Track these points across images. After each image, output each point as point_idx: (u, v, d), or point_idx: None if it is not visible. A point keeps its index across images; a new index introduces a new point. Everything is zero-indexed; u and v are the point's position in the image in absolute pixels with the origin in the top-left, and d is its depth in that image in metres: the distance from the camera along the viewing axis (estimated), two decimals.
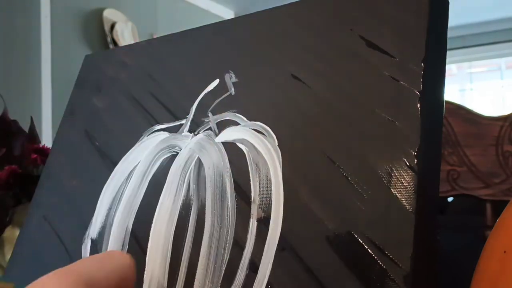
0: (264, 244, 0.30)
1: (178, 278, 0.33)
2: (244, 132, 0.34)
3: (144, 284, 0.34)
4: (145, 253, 0.35)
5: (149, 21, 2.90)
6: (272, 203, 0.31)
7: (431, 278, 0.26)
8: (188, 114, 0.38)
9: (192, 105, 0.39)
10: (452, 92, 4.06)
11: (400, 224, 0.26)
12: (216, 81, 0.38)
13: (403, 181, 0.27)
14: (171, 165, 0.37)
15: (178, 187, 0.35)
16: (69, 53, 2.38)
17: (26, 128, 0.64)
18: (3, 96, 0.69)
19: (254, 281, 0.30)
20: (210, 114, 0.37)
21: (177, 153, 0.37)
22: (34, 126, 0.65)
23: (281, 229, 0.30)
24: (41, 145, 0.61)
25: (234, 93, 0.37)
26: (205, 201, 0.34)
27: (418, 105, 0.28)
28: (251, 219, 0.31)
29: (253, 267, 0.30)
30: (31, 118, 0.65)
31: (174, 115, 0.39)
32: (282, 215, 0.30)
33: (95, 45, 2.56)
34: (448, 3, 0.32)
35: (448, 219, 1.15)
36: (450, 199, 1.17)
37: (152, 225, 0.35)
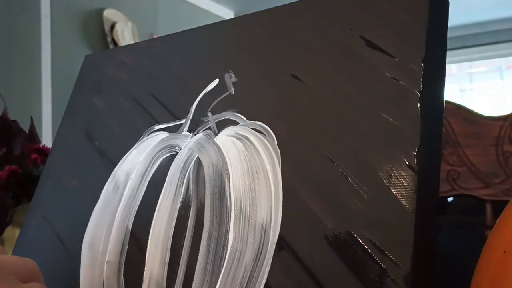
0: (263, 243, 0.30)
1: (177, 277, 0.33)
2: (244, 131, 0.34)
3: (143, 283, 0.34)
4: (144, 253, 0.35)
5: (149, 21, 2.90)
6: (271, 202, 0.31)
7: (431, 278, 0.26)
8: (187, 113, 0.38)
9: (191, 104, 0.39)
10: (452, 92, 4.05)
11: (400, 224, 0.26)
12: (216, 81, 0.38)
13: (403, 181, 0.27)
14: (171, 165, 0.37)
15: (178, 187, 0.35)
16: (69, 53, 2.38)
17: (26, 128, 0.64)
18: (3, 96, 0.69)
19: (252, 281, 0.30)
20: (209, 114, 0.37)
21: (177, 152, 0.37)
22: (34, 126, 0.65)
23: (280, 229, 0.30)
24: (41, 145, 0.61)
25: (233, 92, 0.37)
26: (204, 201, 0.34)
27: (418, 105, 0.28)
28: (250, 219, 0.31)
29: (252, 266, 0.30)
30: (31, 118, 0.65)
31: (174, 115, 0.39)
32: (281, 215, 0.30)
33: (95, 45, 2.55)
34: (448, 3, 0.32)
35: (448, 219, 1.14)
36: (450, 199, 1.16)
37: (152, 225, 0.35)
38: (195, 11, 3.20)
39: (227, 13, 3.49)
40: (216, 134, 0.36)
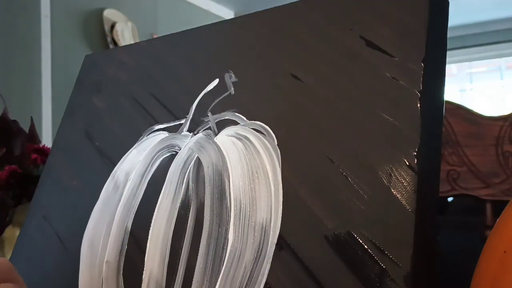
0: (263, 243, 0.30)
1: (177, 277, 0.33)
2: (244, 131, 0.34)
3: (142, 283, 0.34)
4: (144, 253, 0.35)
5: (149, 21, 2.90)
6: (271, 202, 0.31)
7: (431, 278, 0.26)
8: (187, 113, 0.38)
9: (191, 104, 0.39)
10: (452, 92, 4.05)
11: (400, 224, 0.26)
12: (216, 81, 0.38)
13: (403, 181, 0.27)
14: (170, 164, 0.37)
15: (177, 186, 0.35)
16: (69, 53, 2.38)
17: (26, 128, 0.64)
18: (4, 96, 0.69)
19: (252, 281, 0.30)
20: (209, 114, 0.37)
21: (177, 152, 0.37)
22: (34, 126, 0.65)
23: (280, 229, 0.30)
24: (41, 145, 0.61)
25: (233, 92, 0.37)
26: (204, 201, 0.34)
27: (418, 105, 0.28)
28: (249, 219, 0.31)
29: (251, 266, 0.30)
30: (31, 118, 0.65)
31: (174, 115, 0.39)
32: (281, 215, 0.30)
33: (95, 45, 2.55)
34: (448, 3, 0.32)
35: (448, 219, 1.14)
36: (450, 199, 1.16)
37: (151, 225, 0.35)
38: (195, 11, 3.20)
39: (227, 13, 3.49)
40: (216, 134, 0.36)
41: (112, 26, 2.65)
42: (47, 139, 2.17)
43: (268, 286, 0.29)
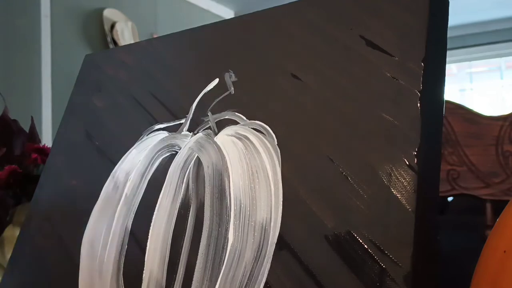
0: (263, 243, 0.30)
1: (177, 277, 0.33)
2: (244, 131, 0.34)
3: (143, 283, 0.34)
4: (144, 253, 0.35)
5: (149, 21, 2.90)
6: (271, 202, 0.31)
7: (431, 278, 0.26)
8: (187, 113, 0.38)
9: (191, 104, 0.39)
10: (452, 92, 4.06)
11: (400, 224, 0.26)
12: (216, 80, 0.38)
13: (403, 181, 0.27)
14: (170, 164, 0.37)
15: (177, 186, 0.35)
16: (69, 53, 2.38)
17: (26, 128, 0.64)
18: (4, 96, 0.69)
19: (252, 280, 0.30)
20: (209, 113, 0.37)
21: (176, 152, 0.37)
22: (35, 126, 0.65)
23: (280, 229, 0.30)
24: (41, 145, 0.61)
25: (233, 92, 0.37)
26: (204, 200, 0.34)
27: (418, 105, 0.28)
28: (249, 218, 0.31)
29: (251, 266, 0.30)
30: (32, 118, 0.65)
31: (174, 114, 0.39)
32: (281, 214, 0.30)
33: (95, 45, 2.56)
34: (448, 3, 0.32)
35: (448, 219, 1.14)
36: (450, 199, 1.16)
37: (151, 224, 0.35)
38: (195, 11, 3.20)
39: (227, 13, 3.49)
40: (216, 134, 0.36)
41: (112, 26, 2.65)
42: (47, 139, 2.17)
43: (268, 286, 0.29)
